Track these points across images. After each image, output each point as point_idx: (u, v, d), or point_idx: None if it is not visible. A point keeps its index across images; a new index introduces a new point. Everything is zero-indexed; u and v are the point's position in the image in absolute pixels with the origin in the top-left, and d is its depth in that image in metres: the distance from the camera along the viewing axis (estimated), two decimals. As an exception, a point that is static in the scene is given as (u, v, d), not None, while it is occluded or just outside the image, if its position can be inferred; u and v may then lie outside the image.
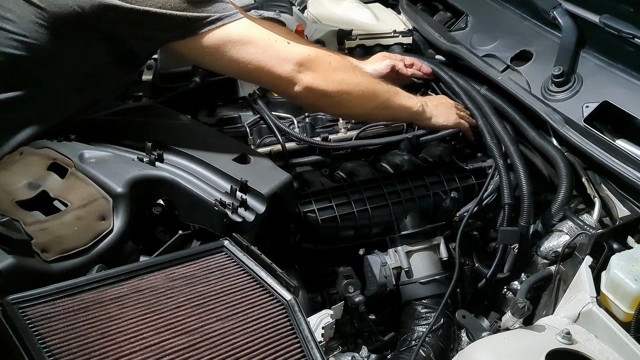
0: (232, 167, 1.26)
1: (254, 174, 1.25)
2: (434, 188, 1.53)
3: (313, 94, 1.30)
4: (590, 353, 0.99)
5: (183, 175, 1.22)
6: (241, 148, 1.35)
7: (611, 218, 1.41)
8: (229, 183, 1.21)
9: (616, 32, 1.40)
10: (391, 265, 1.46)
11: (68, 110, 1.26)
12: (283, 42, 1.26)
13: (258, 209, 1.19)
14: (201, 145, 1.30)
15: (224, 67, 1.27)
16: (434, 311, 1.42)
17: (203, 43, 1.20)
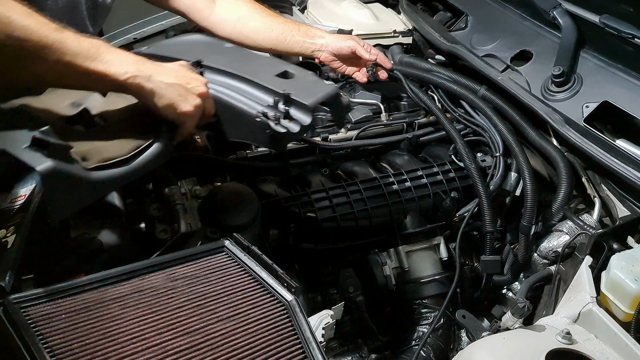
0: (274, 82, 1.21)
1: (298, 87, 1.20)
2: (434, 188, 1.53)
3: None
4: (590, 353, 0.99)
5: (224, 91, 1.19)
6: (283, 65, 1.28)
7: (611, 218, 1.41)
8: (272, 96, 1.17)
9: (616, 32, 1.40)
10: (391, 265, 1.47)
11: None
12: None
13: (303, 120, 1.15)
14: (243, 65, 1.26)
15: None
16: (434, 311, 1.43)
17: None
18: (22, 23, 0.91)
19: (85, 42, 0.98)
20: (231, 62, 1.25)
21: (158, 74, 1.04)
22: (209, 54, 1.28)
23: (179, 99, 1.06)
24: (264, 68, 1.25)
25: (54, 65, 0.95)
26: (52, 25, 0.95)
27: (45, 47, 0.94)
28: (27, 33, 0.92)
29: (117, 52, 1.01)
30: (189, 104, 1.07)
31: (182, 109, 1.06)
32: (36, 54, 0.93)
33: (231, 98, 1.17)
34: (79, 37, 0.97)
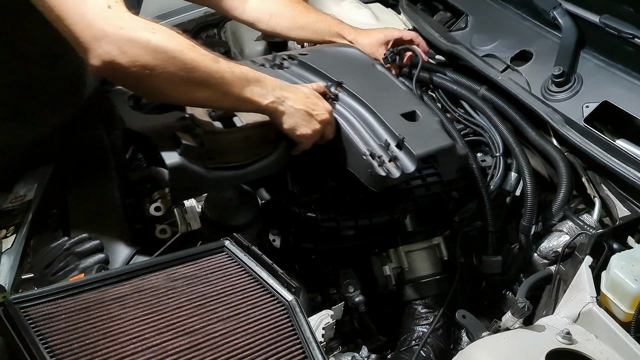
0: (396, 121, 1.29)
1: (416, 133, 1.27)
2: (434, 188, 1.53)
3: (111, 71, 1.06)
4: (590, 353, 0.99)
5: (348, 118, 1.32)
6: (414, 104, 1.36)
7: (611, 218, 1.41)
8: (388, 136, 1.26)
9: (616, 32, 1.40)
10: (391, 265, 1.46)
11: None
12: (105, 2, 1.04)
13: (407, 168, 1.22)
14: (376, 93, 1.36)
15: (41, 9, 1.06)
16: (434, 311, 1.43)
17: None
18: (191, 56, 1.08)
19: (236, 71, 1.16)
20: (368, 89, 1.38)
21: (291, 100, 1.23)
22: (353, 75, 1.43)
23: (302, 123, 1.23)
24: (395, 102, 1.36)
25: (213, 92, 1.14)
26: (211, 56, 1.13)
27: (209, 77, 1.11)
28: (195, 65, 1.09)
29: (261, 81, 1.19)
30: (309, 128, 1.24)
31: (301, 132, 1.24)
32: (201, 83, 1.11)
33: (351, 127, 1.31)
34: (231, 66, 1.15)
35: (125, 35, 1.03)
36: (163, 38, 1.06)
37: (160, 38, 1.05)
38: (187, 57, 1.08)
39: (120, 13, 1.04)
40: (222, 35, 2.15)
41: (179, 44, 1.08)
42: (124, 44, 1.03)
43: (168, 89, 1.11)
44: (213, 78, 1.12)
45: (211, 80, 1.12)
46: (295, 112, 1.22)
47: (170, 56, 1.06)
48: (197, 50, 1.11)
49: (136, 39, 1.03)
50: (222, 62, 1.14)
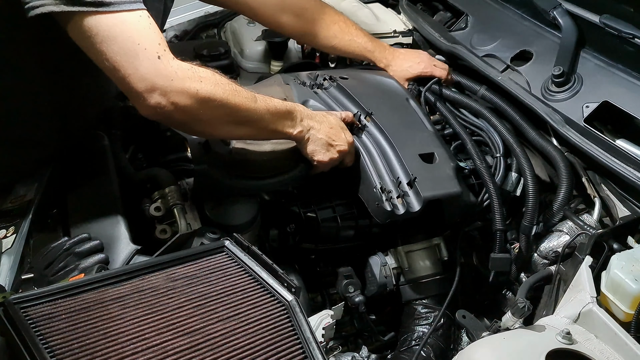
0: (413, 160, 1.39)
1: (428, 175, 1.36)
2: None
3: (160, 117, 1.16)
4: (590, 353, 0.99)
5: (369, 149, 1.43)
6: (434, 146, 1.45)
7: (611, 218, 1.41)
8: (402, 173, 1.36)
9: (616, 32, 1.40)
10: (391, 265, 1.46)
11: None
12: (155, 53, 1.10)
13: (412, 206, 1.32)
14: (402, 129, 1.47)
15: (92, 56, 1.12)
16: (434, 311, 1.43)
17: (78, 23, 1.08)
18: (234, 101, 1.19)
19: (271, 108, 1.26)
20: (395, 123, 1.47)
21: (315, 129, 1.35)
22: (384, 107, 1.52)
23: (320, 151, 1.36)
24: (417, 141, 1.45)
25: (251, 129, 1.27)
26: (250, 97, 1.23)
27: (249, 118, 1.23)
28: (238, 109, 1.20)
29: (292, 113, 1.31)
30: (326, 156, 1.36)
31: (319, 158, 1.37)
32: (242, 123, 1.24)
33: (370, 158, 1.41)
34: (267, 104, 1.26)
35: (175, 88, 1.11)
36: (210, 87, 1.15)
37: (207, 88, 1.15)
38: (232, 102, 1.18)
39: (169, 62, 1.12)
40: (222, 35, 2.15)
41: (224, 92, 1.17)
42: (174, 95, 1.11)
43: (213, 130, 1.25)
44: (252, 118, 1.24)
45: (250, 120, 1.24)
46: (316, 140, 1.35)
47: (216, 105, 1.16)
48: (239, 94, 1.21)
49: (185, 90, 1.12)
50: (259, 102, 1.25)
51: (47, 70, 1.25)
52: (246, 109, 1.21)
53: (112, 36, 1.08)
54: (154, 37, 1.12)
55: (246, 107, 1.21)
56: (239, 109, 1.20)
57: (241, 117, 1.21)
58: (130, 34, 1.09)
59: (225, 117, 1.20)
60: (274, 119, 1.27)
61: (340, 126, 1.40)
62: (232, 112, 1.19)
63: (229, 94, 1.18)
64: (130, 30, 1.09)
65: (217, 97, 1.16)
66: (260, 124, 1.26)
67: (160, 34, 1.15)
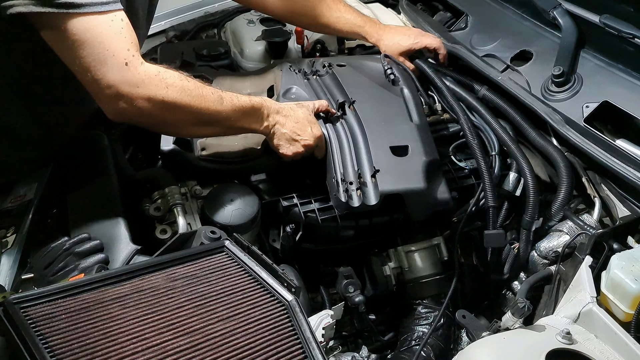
0: (382, 153, 1.37)
1: (395, 169, 1.34)
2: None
3: (126, 121, 1.23)
4: (590, 353, 0.99)
5: (341, 139, 1.42)
6: (412, 140, 1.41)
7: (611, 218, 1.41)
8: (367, 164, 1.35)
9: (616, 32, 1.40)
10: (391, 265, 1.46)
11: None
12: (122, 60, 1.10)
13: (369, 200, 1.31)
14: (381, 120, 1.44)
15: (62, 58, 1.13)
16: (434, 311, 1.43)
17: (48, 25, 1.08)
18: (201, 106, 1.21)
19: (237, 106, 1.28)
20: (376, 113, 1.46)
21: (280, 124, 1.37)
22: (371, 95, 1.51)
23: (285, 145, 1.38)
24: (394, 134, 1.42)
25: (218, 128, 1.30)
26: (217, 98, 1.25)
27: (215, 119, 1.25)
28: (204, 112, 1.22)
29: (258, 110, 1.33)
30: (289, 150, 1.38)
31: (282, 151, 1.39)
32: (208, 124, 1.27)
33: (339, 148, 1.40)
34: (234, 103, 1.27)
35: (141, 95, 1.13)
36: (175, 94, 1.17)
37: (173, 95, 1.17)
38: (197, 107, 1.21)
39: (137, 69, 1.12)
40: (222, 35, 2.14)
41: (190, 98, 1.19)
42: (139, 102, 1.13)
43: (180, 131, 1.32)
44: (219, 119, 1.26)
45: (217, 121, 1.27)
46: (281, 135, 1.37)
47: (182, 110, 1.19)
48: (205, 98, 1.22)
49: (151, 97, 1.14)
50: (225, 102, 1.26)
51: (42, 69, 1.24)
52: (212, 112, 1.23)
53: (81, 40, 1.08)
54: (124, 43, 1.12)
55: (212, 110, 1.23)
56: (205, 112, 1.22)
57: (207, 119, 1.24)
58: (100, 39, 1.09)
59: (191, 120, 1.23)
60: (241, 116, 1.29)
61: (309, 120, 1.40)
62: (198, 116, 1.22)
63: (194, 99, 1.20)
64: (100, 34, 1.09)
65: (183, 103, 1.18)
66: (227, 123, 1.29)
67: (131, 38, 1.14)
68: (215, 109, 1.24)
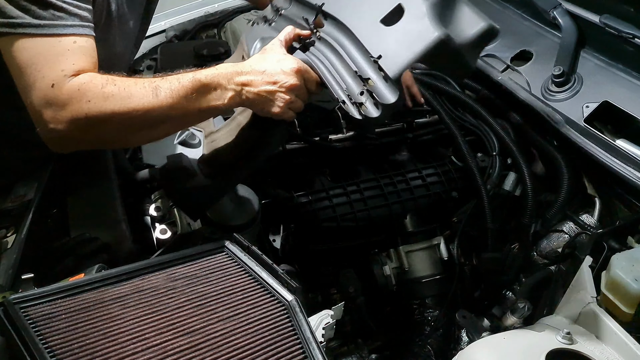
0: (375, 33, 1.07)
1: (397, 41, 1.03)
2: (433, 188, 1.53)
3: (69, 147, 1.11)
4: (590, 353, 0.99)
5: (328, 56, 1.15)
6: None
7: (611, 218, 1.41)
8: (364, 61, 1.07)
9: (616, 32, 1.40)
10: (391, 265, 1.46)
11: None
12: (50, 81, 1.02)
13: (387, 99, 1.02)
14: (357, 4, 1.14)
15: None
16: (434, 311, 1.43)
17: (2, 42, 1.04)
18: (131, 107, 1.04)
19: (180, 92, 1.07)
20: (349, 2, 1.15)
21: (246, 84, 1.11)
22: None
23: (268, 104, 1.12)
24: (376, 5, 1.10)
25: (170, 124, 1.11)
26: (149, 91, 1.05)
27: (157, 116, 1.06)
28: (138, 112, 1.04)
29: (209, 84, 1.09)
30: (277, 105, 1.12)
31: (273, 111, 1.13)
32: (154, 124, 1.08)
33: (331, 68, 1.13)
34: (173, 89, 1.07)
35: (63, 117, 1.02)
36: (98, 105, 1.03)
37: (95, 107, 1.03)
38: (127, 110, 1.04)
39: (61, 89, 1.02)
40: (222, 35, 2.15)
41: (115, 104, 1.04)
42: (64, 125, 1.03)
43: (128, 142, 1.18)
44: (162, 114, 1.07)
45: (161, 117, 1.08)
46: (255, 96, 1.12)
47: (113, 121, 1.04)
48: (134, 97, 1.05)
49: (74, 117, 1.02)
50: (162, 93, 1.07)
51: None
52: (148, 110, 1.05)
53: (19, 61, 1.03)
54: (61, 64, 1.03)
55: (147, 109, 1.05)
56: (138, 114, 1.05)
57: (147, 120, 1.06)
58: (35, 61, 1.03)
59: (128, 128, 1.07)
60: (190, 101, 1.08)
61: (277, 60, 1.14)
62: (133, 121, 1.05)
63: (120, 104, 1.04)
64: (37, 57, 1.03)
65: (108, 113, 1.03)
66: (175, 115, 1.08)
67: (75, 58, 1.05)
68: (152, 105, 1.05)
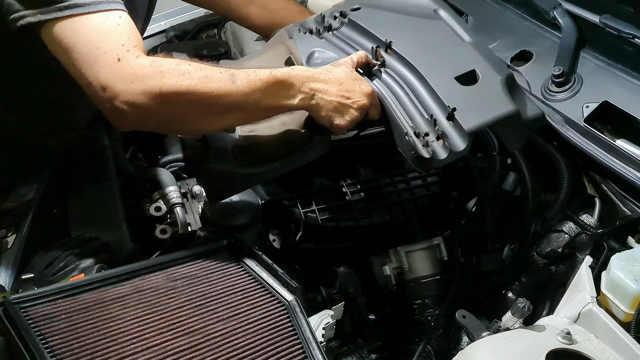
0: (449, 87, 1.13)
1: (472, 101, 1.11)
2: (434, 188, 1.53)
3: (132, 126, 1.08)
4: (590, 353, 0.99)
5: (394, 90, 1.18)
6: (475, 61, 1.18)
7: (611, 218, 1.41)
8: (437, 107, 1.11)
9: (616, 32, 1.40)
10: (391, 265, 1.46)
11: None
12: (115, 56, 1.02)
13: (456, 146, 1.06)
14: (431, 52, 1.21)
15: (63, 64, 1.07)
16: (434, 311, 1.43)
17: (47, 32, 1.04)
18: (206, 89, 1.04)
19: (256, 83, 1.08)
20: (422, 47, 1.22)
21: (321, 91, 1.14)
22: (407, 30, 1.27)
23: (336, 115, 1.15)
24: (453, 61, 1.18)
25: (240, 113, 1.11)
26: (226, 77, 1.06)
27: (231, 102, 1.06)
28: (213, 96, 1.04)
29: (285, 82, 1.12)
30: (344, 119, 1.16)
31: (337, 123, 1.16)
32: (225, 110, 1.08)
33: (398, 101, 1.16)
34: (250, 80, 1.08)
35: (136, 90, 1.00)
36: (173, 81, 1.02)
37: (171, 82, 1.02)
38: (202, 91, 1.04)
39: (130, 64, 1.02)
40: (222, 35, 2.15)
41: (191, 81, 1.03)
42: (136, 98, 1.01)
43: (194, 126, 1.11)
44: (235, 103, 1.07)
45: (234, 105, 1.07)
46: (327, 104, 1.15)
47: (186, 99, 1.03)
48: (211, 79, 1.05)
49: (147, 90, 1.01)
50: (239, 81, 1.07)
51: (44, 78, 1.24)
52: (223, 95, 1.05)
53: (72, 42, 1.03)
54: (118, 39, 1.03)
55: (223, 93, 1.05)
56: (214, 96, 1.05)
57: (220, 105, 1.06)
58: (91, 38, 1.03)
59: (201, 110, 1.06)
60: (264, 95, 1.09)
61: (353, 77, 1.18)
62: (207, 103, 1.05)
63: (197, 82, 1.03)
64: (91, 34, 1.03)
65: (184, 90, 1.02)
66: (248, 106, 1.09)
67: (128, 34, 1.06)
68: (227, 91, 1.05)
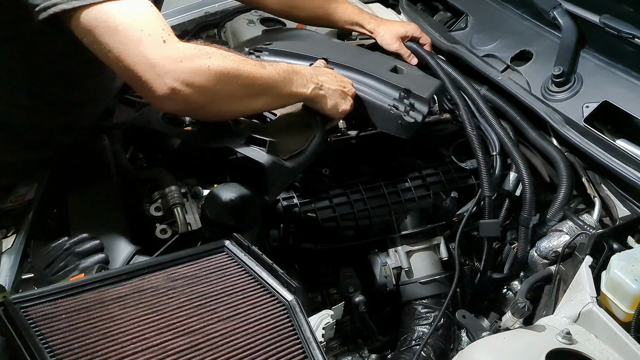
0: (392, 77, 1.46)
1: (411, 82, 1.46)
2: (434, 188, 1.53)
3: (177, 103, 1.09)
4: (590, 353, 0.99)
5: (358, 87, 1.42)
6: (391, 60, 1.57)
7: (611, 218, 1.41)
8: (395, 91, 1.41)
9: (616, 32, 1.40)
10: (391, 265, 1.46)
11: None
12: (160, 38, 1.05)
13: (422, 111, 1.41)
14: (358, 60, 1.51)
15: (96, 50, 1.08)
16: (434, 311, 1.43)
17: (81, 17, 1.05)
18: (246, 70, 1.14)
19: (280, 71, 1.22)
20: (351, 59, 1.50)
21: (327, 82, 1.32)
22: (330, 50, 1.54)
23: (341, 101, 1.34)
24: (377, 63, 1.52)
25: (269, 97, 1.22)
26: (258, 63, 1.19)
27: (264, 85, 1.18)
28: (252, 77, 1.15)
29: (299, 72, 1.28)
30: (347, 104, 1.35)
31: (342, 109, 1.34)
32: (259, 93, 1.19)
33: (365, 93, 1.42)
34: (275, 67, 1.22)
35: (186, 68, 1.06)
36: (219, 61, 1.10)
37: (217, 62, 1.10)
38: (244, 72, 1.14)
39: (175, 45, 1.07)
40: (222, 35, 2.15)
41: (234, 62, 1.13)
42: (186, 76, 1.06)
43: (231, 107, 1.18)
44: (267, 86, 1.19)
45: (266, 88, 1.19)
46: (333, 92, 1.32)
47: (230, 77, 1.11)
48: (247, 62, 1.16)
49: (197, 68, 1.07)
50: (267, 67, 1.21)
51: (50, 74, 1.25)
52: (259, 77, 1.17)
53: (114, 25, 1.04)
54: (158, 23, 1.08)
55: (259, 75, 1.17)
56: (253, 77, 1.16)
57: (257, 86, 1.17)
58: (133, 21, 1.05)
59: (241, 90, 1.15)
60: (286, 81, 1.23)
61: (333, 73, 1.39)
62: (247, 83, 1.15)
63: (239, 63, 1.13)
64: (132, 17, 1.05)
65: (229, 69, 1.11)
66: (275, 91, 1.22)
67: (163, 20, 1.11)
68: (261, 74, 1.17)
